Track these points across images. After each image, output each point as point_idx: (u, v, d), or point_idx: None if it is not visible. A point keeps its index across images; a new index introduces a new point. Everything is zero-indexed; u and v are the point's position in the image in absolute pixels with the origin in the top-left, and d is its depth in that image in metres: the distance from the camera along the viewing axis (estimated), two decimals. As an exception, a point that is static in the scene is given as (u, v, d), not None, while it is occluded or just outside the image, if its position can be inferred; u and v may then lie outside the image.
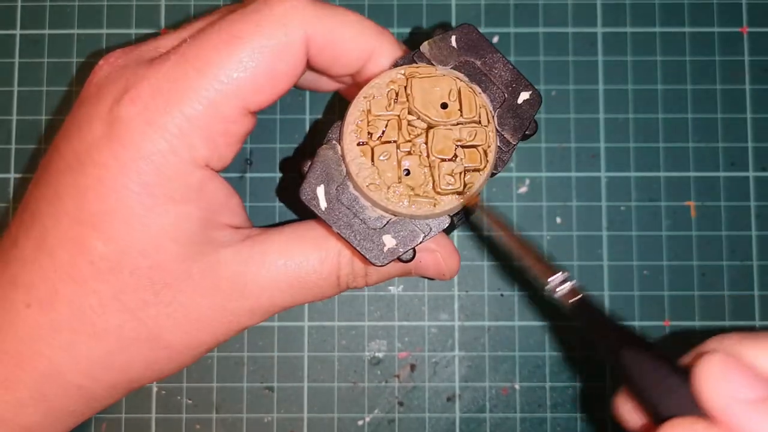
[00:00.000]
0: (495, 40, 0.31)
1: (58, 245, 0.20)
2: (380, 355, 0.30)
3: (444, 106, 0.21)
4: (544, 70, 0.30)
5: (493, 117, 0.21)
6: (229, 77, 0.20)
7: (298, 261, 0.22)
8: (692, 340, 0.29)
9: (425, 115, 0.21)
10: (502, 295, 0.30)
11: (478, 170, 0.21)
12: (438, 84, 0.21)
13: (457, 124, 0.21)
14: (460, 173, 0.21)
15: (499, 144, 0.21)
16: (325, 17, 0.21)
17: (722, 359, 0.17)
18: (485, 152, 0.21)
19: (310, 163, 0.21)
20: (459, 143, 0.21)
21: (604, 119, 0.30)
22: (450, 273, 0.24)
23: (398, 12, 0.31)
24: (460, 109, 0.21)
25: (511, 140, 0.21)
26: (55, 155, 0.21)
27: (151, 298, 0.20)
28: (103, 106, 0.20)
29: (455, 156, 0.21)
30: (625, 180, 0.30)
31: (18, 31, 0.31)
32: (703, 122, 0.30)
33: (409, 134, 0.21)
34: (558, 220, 0.30)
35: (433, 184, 0.21)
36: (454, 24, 0.31)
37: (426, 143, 0.21)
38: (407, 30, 0.31)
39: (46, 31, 0.31)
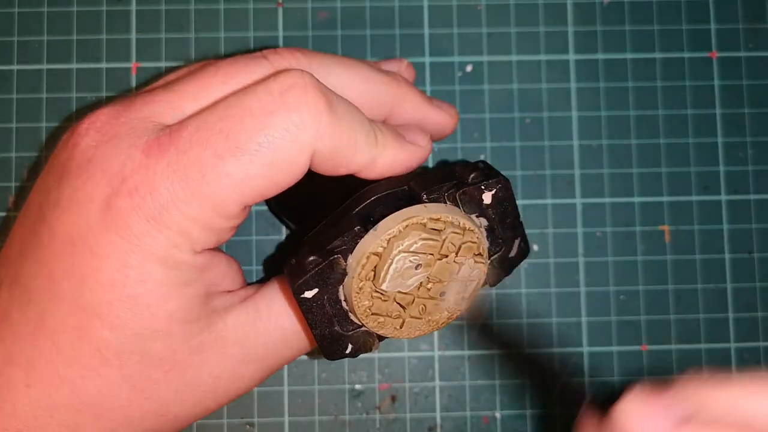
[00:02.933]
0: (468, 69, 0.31)
1: (59, 330, 0.19)
2: (360, 387, 0.30)
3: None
4: (518, 98, 0.31)
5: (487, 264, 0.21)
6: (232, 187, 0.19)
7: None
8: (669, 363, 0.29)
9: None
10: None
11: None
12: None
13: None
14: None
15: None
16: (338, 129, 0.19)
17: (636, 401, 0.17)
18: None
19: (314, 263, 0.20)
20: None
21: (578, 146, 0.31)
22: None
23: (371, 42, 0.31)
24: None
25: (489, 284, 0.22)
26: (43, 225, 0.20)
27: (161, 377, 0.20)
28: (96, 189, 0.19)
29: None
30: (600, 206, 0.30)
31: (-15, 68, 0.30)
32: (676, 147, 0.31)
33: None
34: (535, 247, 0.30)
35: (421, 316, 0.21)
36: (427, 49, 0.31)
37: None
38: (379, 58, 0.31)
39: (15, 67, 0.30)
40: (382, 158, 0.21)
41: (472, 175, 0.21)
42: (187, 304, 0.20)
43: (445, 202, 0.21)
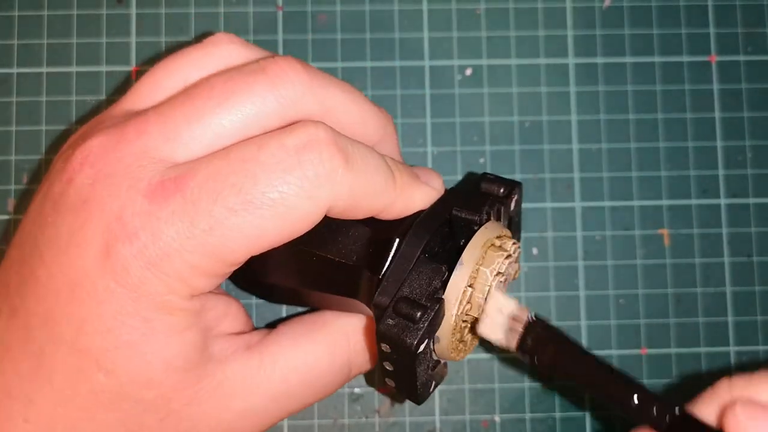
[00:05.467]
0: (468, 72, 0.31)
1: (57, 370, 0.19)
2: (360, 390, 0.30)
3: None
4: (518, 102, 0.31)
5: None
6: (241, 240, 0.18)
7: (311, 362, 0.21)
8: (669, 367, 0.29)
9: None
10: (480, 327, 0.30)
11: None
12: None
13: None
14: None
15: None
16: (355, 182, 0.19)
17: (748, 411, 0.18)
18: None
19: (424, 316, 0.19)
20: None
21: (577, 149, 0.31)
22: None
23: (371, 46, 0.31)
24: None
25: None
26: (41, 263, 0.19)
27: (155, 426, 0.19)
28: (95, 233, 0.18)
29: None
30: (600, 209, 0.30)
31: (-15, 71, 0.30)
32: (675, 151, 0.31)
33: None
34: (534, 251, 0.30)
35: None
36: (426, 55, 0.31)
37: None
38: (379, 63, 0.31)
39: (15, 70, 0.30)
40: (400, 200, 0.20)
41: (501, 190, 0.22)
42: (184, 351, 0.19)
43: (490, 219, 0.21)
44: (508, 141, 0.31)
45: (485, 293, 0.20)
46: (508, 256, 0.20)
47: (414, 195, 0.21)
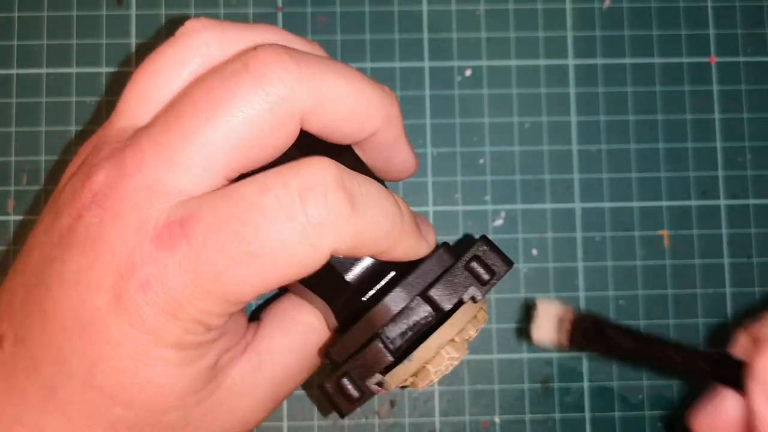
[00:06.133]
0: (468, 73, 0.31)
1: (71, 403, 0.19)
2: (360, 391, 0.30)
3: None
4: (517, 103, 0.31)
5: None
6: (246, 286, 0.18)
7: (297, 345, 0.22)
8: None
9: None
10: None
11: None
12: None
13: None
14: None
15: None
16: (360, 228, 0.19)
17: None
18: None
19: (360, 400, 0.20)
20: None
21: (577, 150, 0.31)
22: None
23: (371, 46, 0.31)
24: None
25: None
26: (48, 297, 0.19)
27: None
28: (104, 274, 0.18)
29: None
30: (599, 210, 0.30)
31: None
32: (674, 152, 0.31)
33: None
34: (534, 252, 0.30)
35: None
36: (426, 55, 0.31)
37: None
38: (379, 65, 0.31)
39: (14, 71, 0.30)
40: (401, 247, 0.20)
41: (486, 276, 0.21)
42: (200, 375, 0.19)
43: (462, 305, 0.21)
44: (507, 142, 0.31)
45: (430, 378, 0.21)
46: (461, 344, 0.21)
47: (413, 248, 0.21)
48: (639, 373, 0.30)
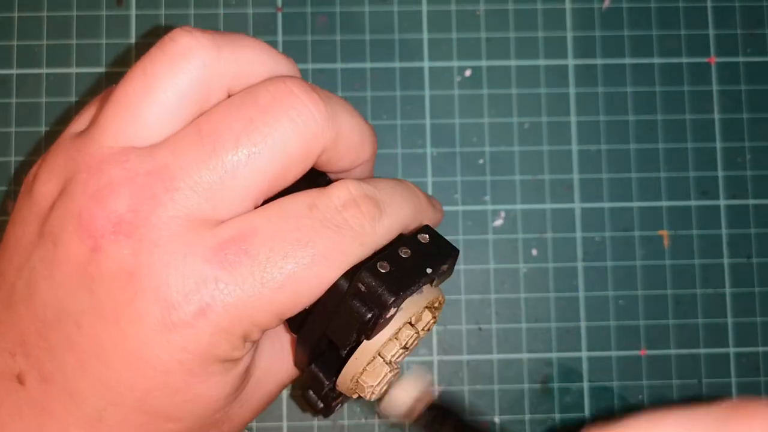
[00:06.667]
0: (467, 73, 0.31)
1: (120, 426, 0.19)
2: (359, 391, 0.30)
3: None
4: (517, 103, 0.31)
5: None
6: (306, 295, 0.19)
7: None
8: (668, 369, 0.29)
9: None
10: (480, 329, 0.30)
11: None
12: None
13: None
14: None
15: None
16: (393, 223, 0.21)
17: None
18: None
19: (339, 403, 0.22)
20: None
21: (577, 151, 0.31)
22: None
23: (370, 47, 0.31)
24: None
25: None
26: (80, 331, 0.19)
27: None
28: (147, 305, 0.18)
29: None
30: (599, 211, 0.30)
31: (-15, 72, 0.30)
32: (674, 152, 0.31)
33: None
34: (534, 252, 0.30)
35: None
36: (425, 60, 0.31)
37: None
38: (378, 65, 0.31)
39: (14, 71, 0.30)
40: (421, 221, 0.22)
41: (443, 267, 0.21)
42: (240, 377, 0.20)
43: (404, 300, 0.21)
44: (507, 142, 0.31)
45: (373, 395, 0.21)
46: (405, 347, 0.21)
47: (432, 218, 0.23)
48: (639, 373, 0.30)
